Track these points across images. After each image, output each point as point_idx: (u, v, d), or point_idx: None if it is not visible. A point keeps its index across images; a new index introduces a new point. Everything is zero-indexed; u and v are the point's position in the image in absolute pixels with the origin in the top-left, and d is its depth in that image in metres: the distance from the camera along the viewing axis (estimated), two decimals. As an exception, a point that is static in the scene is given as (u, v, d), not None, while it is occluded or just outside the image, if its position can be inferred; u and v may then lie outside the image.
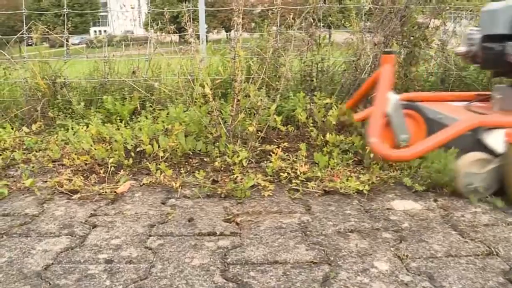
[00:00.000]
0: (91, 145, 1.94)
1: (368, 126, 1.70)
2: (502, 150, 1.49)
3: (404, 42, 2.59)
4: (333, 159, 1.78)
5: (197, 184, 1.64)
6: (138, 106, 2.51)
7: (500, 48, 1.69)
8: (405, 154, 1.62)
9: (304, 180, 1.66)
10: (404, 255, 1.16)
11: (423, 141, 1.63)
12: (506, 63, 1.68)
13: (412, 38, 2.56)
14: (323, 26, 3.01)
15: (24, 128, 2.32)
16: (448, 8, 2.68)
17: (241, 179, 1.65)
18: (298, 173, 1.68)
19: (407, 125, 1.75)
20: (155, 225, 1.37)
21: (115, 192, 1.61)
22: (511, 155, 1.44)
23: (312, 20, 2.68)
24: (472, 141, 1.58)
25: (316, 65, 2.61)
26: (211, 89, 1.96)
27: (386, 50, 2.29)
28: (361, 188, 1.56)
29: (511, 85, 1.78)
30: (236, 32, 2.13)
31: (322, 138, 1.99)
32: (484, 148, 1.55)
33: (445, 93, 2.40)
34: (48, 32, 3.35)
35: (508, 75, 1.84)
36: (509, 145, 1.45)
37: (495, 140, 1.52)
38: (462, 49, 1.84)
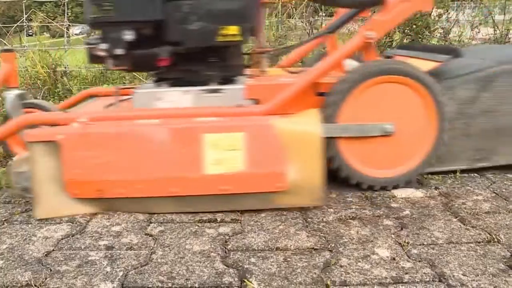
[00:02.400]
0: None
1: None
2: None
3: (406, 31, 2.57)
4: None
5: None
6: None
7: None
8: None
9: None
10: (405, 242, 1.16)
11: None
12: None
13: (414, 26, 2.54)
14: (324, 15, 3.00)
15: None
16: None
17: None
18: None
19: None
20: (155, 212, 1.37)
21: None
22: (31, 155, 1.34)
23: (313, 9, 2.67)
24: None
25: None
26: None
27: (5, 48, 2.09)
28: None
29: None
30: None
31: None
32: None
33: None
34: (48, 21, 3.34)
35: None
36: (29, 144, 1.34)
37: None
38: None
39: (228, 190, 1.32)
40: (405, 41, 2.66)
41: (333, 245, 1.15)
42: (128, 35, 1.44)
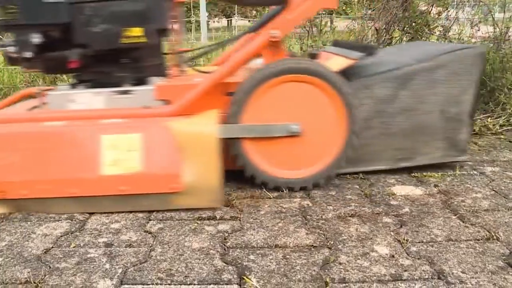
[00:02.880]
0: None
1: None
2: None
3: (406, 28, 2.57)
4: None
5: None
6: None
7: None
8: None
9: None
10: (404, 239, 1.16)
11: None
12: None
13: (414, 24, 2.54)
14: (324, 13, 2.99)
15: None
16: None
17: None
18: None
19: None
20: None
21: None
22: None
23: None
24: None
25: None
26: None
27: None
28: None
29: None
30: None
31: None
32: None
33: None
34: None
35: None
36: None
37: None
38: None
39: (126, 191, 1.33)
40: (404, 38, 2.66)
41: (332, 242, 1.15)
42: (36, 38, 1.44)
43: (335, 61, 1.60)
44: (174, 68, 1.74)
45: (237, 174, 1.61)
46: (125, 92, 1.51)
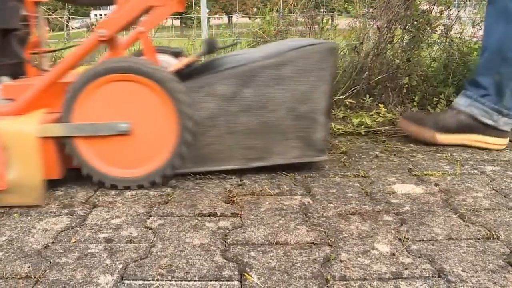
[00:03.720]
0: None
1: None
2: None
3: (407, 27, 2.56)
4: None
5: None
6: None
7: None
8: None
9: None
10: (405, 237, 1.16)
11: None
12: None
13: (415, 22, 2.54)
14: (325, 11, 2.99)
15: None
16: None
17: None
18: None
19: None
20: (155, 205, 1.37)
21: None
22: None
23: (315, 4, 2.66)
24: None
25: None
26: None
27: None
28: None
29: None
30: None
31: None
32: None
33: None
34: (48, 14, 3.32)
35: None
36: None
37: None
38: None
39: None
40: (406, 37, 2.66)
41: (333, 240, 1.15)
42: None
43: (173, 59, 1.59)
44: (34, 67, 1.73)
45: (238, 172, 1.61)
46: None
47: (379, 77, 2.56)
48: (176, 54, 1.85)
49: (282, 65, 1.51)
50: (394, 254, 1.08)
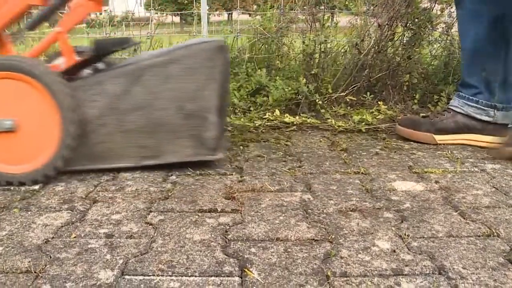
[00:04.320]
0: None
1: None
2: None
3: (408, 24, 2.56)
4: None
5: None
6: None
7: None
8: None
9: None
10: (405, 234, 1.16)
11: None
12: None
13: (416, 20, 2.53)
14: (326, 8, 2.98)
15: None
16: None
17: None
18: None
19: None
20: (155, 201, 1.36)
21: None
22: None
23: (316, 1, 2.65)
24: None
25: (319, 45, 2.58)
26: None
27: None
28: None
29: None
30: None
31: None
32: None
33: None
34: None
35: None
36: None
37: None
38: None
39: None
40: (406, 34, 2.65)
41: (333, 236, 1.15)
42: None
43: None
44: None
45: (238, 171, 1.61)
46: None
47: (380, 74, 2.56)
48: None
49: (170, 64, 1.51)
50: (394, 251, 1.08)
